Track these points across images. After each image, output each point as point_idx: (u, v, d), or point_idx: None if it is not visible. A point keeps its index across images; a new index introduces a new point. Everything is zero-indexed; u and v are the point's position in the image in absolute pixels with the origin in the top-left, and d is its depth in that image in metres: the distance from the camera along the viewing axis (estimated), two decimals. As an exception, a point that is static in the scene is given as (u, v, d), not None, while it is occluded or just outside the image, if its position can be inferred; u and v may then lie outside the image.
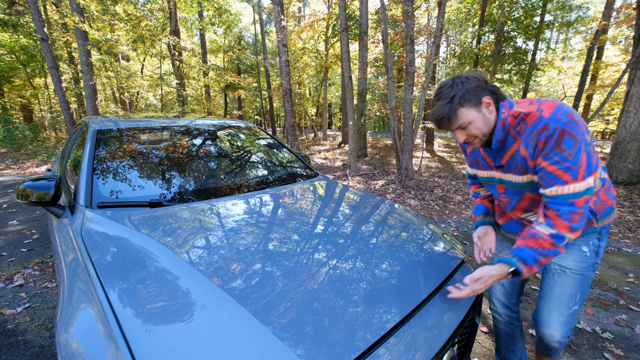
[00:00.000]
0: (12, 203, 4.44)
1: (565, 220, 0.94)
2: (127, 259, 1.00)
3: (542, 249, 0.96)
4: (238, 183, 1.81)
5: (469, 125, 1.03)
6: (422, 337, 0.90)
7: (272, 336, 0.75)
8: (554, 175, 0.95)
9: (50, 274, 2.51)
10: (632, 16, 10.10)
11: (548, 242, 0.96)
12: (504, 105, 1.04)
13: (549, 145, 0.94)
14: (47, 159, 8.62)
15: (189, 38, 17.86)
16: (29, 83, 13.90)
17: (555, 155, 0.93)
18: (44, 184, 1.39)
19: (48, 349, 1.72)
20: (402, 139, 6.29)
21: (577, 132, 0.90)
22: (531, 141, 0.98)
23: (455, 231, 3.74)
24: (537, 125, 0.96)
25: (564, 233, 0.95)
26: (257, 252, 1.09)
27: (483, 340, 1.85)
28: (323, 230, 1.32)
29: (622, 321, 2.04)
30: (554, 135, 0.92)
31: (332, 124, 36.15)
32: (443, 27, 9.93)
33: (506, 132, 1.05)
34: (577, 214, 0.93)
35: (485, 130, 1.04)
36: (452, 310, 1.05)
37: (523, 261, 0.98)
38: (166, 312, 0.79)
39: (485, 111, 1.03)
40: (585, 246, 1.12)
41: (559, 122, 0.92)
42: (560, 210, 0.94)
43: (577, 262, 1.13)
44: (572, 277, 1.14)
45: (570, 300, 1.14)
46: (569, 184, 0.93)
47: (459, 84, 1.01)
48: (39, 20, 7.38)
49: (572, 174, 0.92)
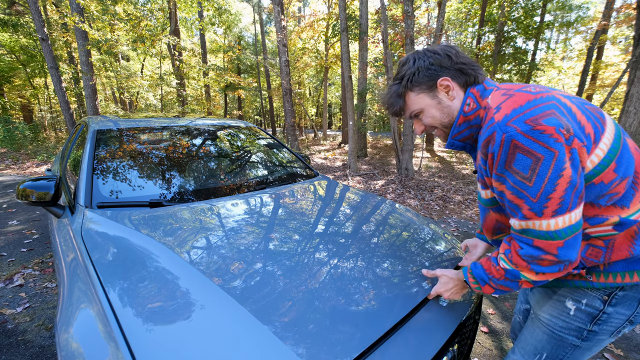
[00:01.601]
0: (12, 203, 4.44)
1: (526, 262, 0.72)
2: (127, 259, 1.00)
3: (493, 277, 0.79)
4: (238, 183, 1.81)
5: (421, 114, 0.85)
6: (422, 337, 0.89)
7: (272, 336, 0.75)
8: (512, 203, 0.71)
9: (50, 274, 2.51)
10: (632, 16, 10.10)
11: (500, 273, 0.77)
12: (472, 92, 0.80)
13: (497, 163, 0.70)
14: (47, 159, 8.62)
15: (189, 38, 17.86)
16: (29, 83, 13.90)
17: (508, 177, 0.69)
18: (44, 184, 1.39)
19: (48, 349, 1.72)
20: (402, 139, 6.29)
21: (540, 149, 0.63)
22: (481, 153, 0.75)
23: (455, 231, 3.74)
24: (485, 130, 0.72)
25: (524, 273, 0.73)
26: (256, 252, 1.09)
27: (483, 340, 1.85)
28: (323, 230, 1.32)
29: (622, 321, 2.04)
30: (500, 150, 0.68)
31: (332, 124, 36.15)
32: (443, 27, 9.92)
33: (474, 128, 0.81)
34: (544, 260, 0.69)
35: (444, 120, 0.84)
36: (452, 310, 1.04)
37: (473, 276, 0.84)
38: (166, 312, 0.79)
39: (442, 97, 0.82)
40: (572, 302, 0.81)
41: (508, 131, 0.66)
42: (524, 249, 0.71)
43: (551, 315, 0.85)
44: (540, 329, 0.87)
45: (533, 355, 0.89)
46: (531, 219, 0.68)
47: (411, 62, 0.82)
48: (39, 20, 7.37)
49: (532, 207, 0.67)
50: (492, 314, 2.10)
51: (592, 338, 0.80)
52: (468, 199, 5.13)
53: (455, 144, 0.86)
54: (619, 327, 0.78)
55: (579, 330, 0.80)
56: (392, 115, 0.91)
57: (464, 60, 0.80)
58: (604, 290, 0.76)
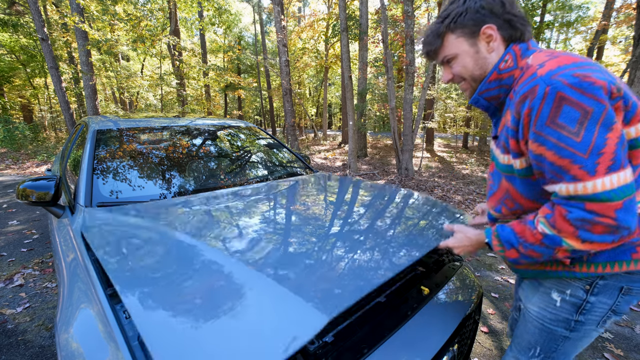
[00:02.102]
0: (12, 203, 4.44)
1: (575, 226, 0.64)
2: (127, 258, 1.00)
3: (526, 241, 0.72)
4: (238, 183, 1.81)
5: (453, 61, 0.80)
6: (422, 337, 0.90)
7: (290, 293, 0.75)
8: (556, 165, 0.64)
9: (50, 274, 2.51)
10: (632, 16, 10.10)
11: (536, 237, 0.70)
12: (513, 49, 0.74)
13: (537, 119, 0.64)
14: (47, 159, 8.62)
15: (189, 38, 17.86)
16: (29, 83, 13.90)
17: (549, 135, 0.63)
18: (44, 184, 1.39)
19: (48, 349, 1.72)
20: (402, 139, 6.30)
21: (589, 101, 0.59)
22: (514, 110, 0.70)
23: (455, 231, 3.74)
24: (524, 86, 0.67)
25: (568, 240, 0.65)
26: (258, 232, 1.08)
27: (483, 340, 1.85)
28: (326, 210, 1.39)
29: (622, 321, 2.04)
30: (542, 104, 0.62)
31: (332, 124, 36.15)
32: (443, 27, 9.90)
33: (504, 89, 0.77)
34: (598, 225, 0.61)
35: (475, 72, 0.79)
36: (452, 310, 1.05)
37: (499, 238, 0.77)
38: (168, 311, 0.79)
39: (482, 46, 0.76)
40: (557, 293, 0.81)
41: (553, 83, 0.61)
42: (573, 213, 0.63)
43: (539, 307, 0.86)
44: (532, 322, 0.88)
45: (528, 350, 0.90)
46: (583, 180, 0.61)
47: (462, 0, 0.76)
48: (39, 20, 7.37)
49: (583, 164, 0.60)
50: (492, 314, 2.10)
51: (579, 328, 0.81)
52: (468, 199, 5.13)
53: (480, 101, 0.81)
54: (604, 317, 0.79)
55: (567, 321, 0.81)
56: (425, 56, 0.86)
57: (516, 12, 0.74)
58: (586, 280, 0.77)
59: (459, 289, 1.15)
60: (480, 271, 2.71)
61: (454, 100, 11.96)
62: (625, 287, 0.75)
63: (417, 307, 0.97)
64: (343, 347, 0.79)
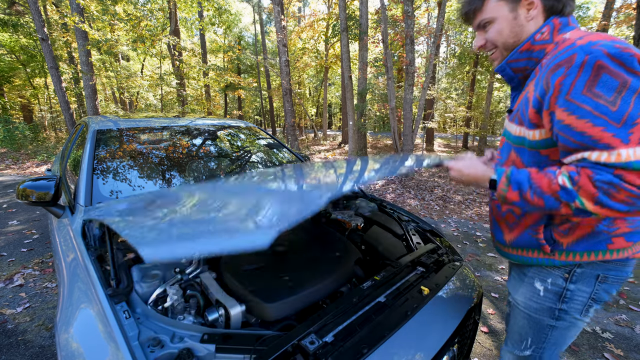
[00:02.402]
0: (12, 203, 4.44)
1: (598, 188, 0.62)
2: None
3: (539, 187, 0.70)
4: (238, 183, 1.81)
5: (489, 25, 0.79)
6: (422, 337, 0.90)
7: None
8: (587, 135, 0.62)
9: (50, 274, 2.51)
10: (632, 16, 10.10)
11: (552, 188, 0.68)
12: (553, 22, 0.73)
13: (573, 88, 0.63)
14: (47, 159, 8.62)
15: (189, 38, 17.86)
16: (29, 83, 13.89)
17: (584, 103, 0.62)
18: (44, 184, 1.39)
19: (48, 349, 1.72)
20: (402, 139, 6.29)
21: (628, 73, 0.59)
22: (542, 79, 0.69)
23: (455, 231, 3.74)
24: (560, 55, 0.66)
25: (583, 199, 0.64)
26: None
27: (483, 340, 1.85)
28: None
29: (622, 321, 2.04)
30: (580, 73, 0.62)
31: (332, 124, 36.13)
32: (443, 27, 9.92)
33: (532, 62, 0.76)
34: (622, 191, 0.60)
35: (509, 40, 0.78)
36: (452, 310, 1.05)
37: (509, 178, 0.74)
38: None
39: (521, 13, 0.75)
40: (540, 283, 0.85)
41: (593, 52, 0.61)
42: (601, 176, 0.61)
43: (525, 298, 0.90)
44: (520, 314, 0.92)
45: (520, 342, 0.94)
46: (616, 147, 0.60)
47: None
48: (39, 20, 7.37)
49: (617, 133, 0.60)
50: (492, 314, 2.10)
51: (564, 317, 0.85)
52: (468, 198, 5.13)
53: (507, 70, 0.81)
54: (585, 305, 0.82)
55: (551, 310, 0.85)
56: (462, 17, 0.84)
57: None
58: (564, 268, 0.81)
59: (459, 289, 1.15)
60: (480, 271, 2.71)
61: (454, 100, 11.97)
62: (602, 275, 0.79)
63: (417, 307, 0.97)
64: (343, 347, 0.79)
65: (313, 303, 1.02)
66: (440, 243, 1.46)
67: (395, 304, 0.98)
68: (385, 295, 1.01)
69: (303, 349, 0.75)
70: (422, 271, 1.18)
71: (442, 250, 1.38)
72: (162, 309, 0.90)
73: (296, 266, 1.09)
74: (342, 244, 1.27)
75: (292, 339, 0.77)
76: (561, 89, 0.65)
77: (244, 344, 0.77)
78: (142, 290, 0.92)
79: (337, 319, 0.88)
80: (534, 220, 0.83)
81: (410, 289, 1.07)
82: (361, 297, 0.98)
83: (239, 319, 0.91)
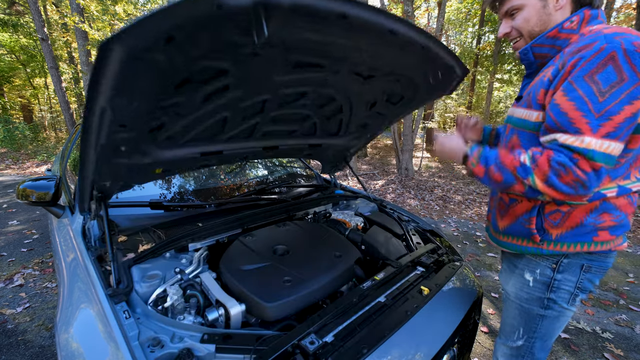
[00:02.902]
0: (12, 203, 4.44)
1: (551, 168, 0.68)
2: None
3: (501, 163, 0.76)
4: (238, 183, 1.81)
5: (517, 12, 0.80)
6: (422, 337, 0.90)
7: None
8: (566, 117, 0.67)
9: (50, 274, 2.51)
10: (632, 16, 10.10)
11: (513, 164, 0.74)
12: (584, 13, 0.75)
13: (578, 70, 0.67)
14: (47, 159, 8.62)
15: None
16: (29, 83, 13.89)
17: (579, 87, 0.66)
18: (44, 184, 1.39)
19: (48, 349, 1.72)
20: (402, 139, 6.30)
21: (629, 72, 0.63)
22: (560, 61, 0.73)
23: (455, 231, 3.74)
24: (583, 41, 0.70)
25: (536, 177, 0.71)
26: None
27: (483, 340, 1.85)
28: None
29: (622, 321, 2.04)
30: (592, 57, 0.65)
31: (332, 124, 36.04)
32: (443, 27, 9.93)
33: (554, 50, 0.79)
34: (570, 174, 0.66)
35: (535, 29, 0.80)
36: (452, 310, 1.05)
37: (479, 154, 0.81)
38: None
39: (550, 3, 0.77)
40: (529, 274, 0.90)
41: (612, 42, 0.64)
42: (558, 157, 0.68)
43: (516, 289, 0.94)
44: (511, 306, 0.96)
45: (512, 332, 0.97)
46: (584, 134, 0.65)
47: None
48: (39, 20, 7.38)
49: (591, 122, 0.65)
50: (492, 314, 2.10)
51: (553, 306, 0.89)
52: (468, 199, 5.13)
53: (529, 54, 0.83)
54: (572, 294, 0.87)
55: (540, 299, 0.89)
56: (489, 4, 0.86)
57: None
58: (552, 259, 0.86)
59: (459, 289, 1.15)
60: (480, 271, 2.71)
61: (454, 100, 11.97)
62: (586, 265, 0.84)
63: (417, 307, 0.97)
64: (343, 347, 0.79)
65: (313, 303, 1.01)
66: (440, 243, 1.46)
67: (395, 304, 0.98)
68: (385, 295, 1.01)
69: (303, 349, 0.75)
70: (422, 271, 1.18)
71: (442, 250, 1.38)
72: (162, 309, 0.90)
73: (296, 266, 1.09)
74: (342, 244, 1.27)
75: (292, 339, 0.77)
76: (570, 70, 0.69)
77: (244, 344, 0.77)
78: (142, 290, 0.92)
79: (337, 319, 0.88)
80: (526, 209, 0.86)
81: (410, 289, 1.07)
82: (361, 297, 0.98)
83: (239, 319, 0.91)
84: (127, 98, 0.63)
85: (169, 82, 0.69)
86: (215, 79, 0.77)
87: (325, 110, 1.21)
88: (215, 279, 1.03)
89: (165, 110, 0.80)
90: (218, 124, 1.03)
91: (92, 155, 0.76)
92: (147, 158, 0.97)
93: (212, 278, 1.02)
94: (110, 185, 1.00)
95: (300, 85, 0.96)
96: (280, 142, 1.34)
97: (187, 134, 1.00)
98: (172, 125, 0.90)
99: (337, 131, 1.44)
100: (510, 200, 0.89)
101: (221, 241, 1.26)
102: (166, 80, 0.67)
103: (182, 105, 0.82)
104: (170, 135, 0.95)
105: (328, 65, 0.88)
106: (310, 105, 1.13)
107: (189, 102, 0.82)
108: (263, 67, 0.79)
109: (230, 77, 0.78)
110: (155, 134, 0.91)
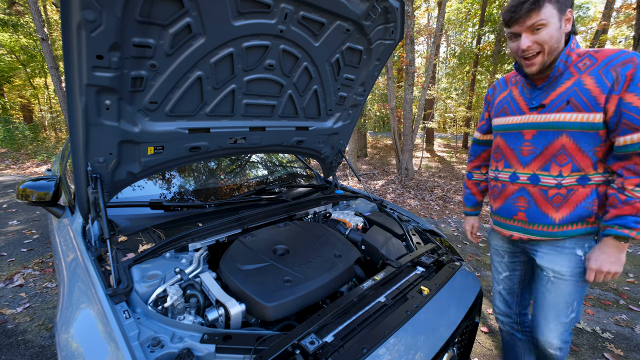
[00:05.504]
0: (12, 203, 4.44)
1: None
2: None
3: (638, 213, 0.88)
4: (238, 183, 1.81)
5: (543, 28, 0.89)
6: (422, 337, 0.90)
7: None
8: None
9: (50, 274, 2.51)
10: (632, 16, 10.10)
11: (637, 206, 0.87)
12: (575, 38, 0.95)
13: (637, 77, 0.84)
14: (47, 159, 8.62)
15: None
16: (29, 83, 13.88)
17: None
18: (44, 184, 1.39)
19: (48, 349, 1.72)
20: (402, 139, 6.29)
21: None
22: (609, 72, 0.88)
23: (455, 231, 3.74)
24: (616, 57, 0.88)
25: None
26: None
27: (483, 340, 1.85)
28: None
29: (622, 321, 2.04)
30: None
31: (332, 124, 36.03)
32: (443, 27, 9.93)
33: (565, 66, 0.95)
34: None
35: (554, 45, 0.91)
36: (452, 310, 1.05)
37: (627, 227, 0.90)
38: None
39: (562, 25, 0.91)
40: (580, 249, 1.01)
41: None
42: None
43: (571, 267, 1.02)
44: (566, 284, 1.03)
45: (567, 308, 1.05)
46: None
47: None
48: (39, 20, 7.37)
49: None
50: (492, 313, 2.10)
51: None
52: (468, 199, 5.13)
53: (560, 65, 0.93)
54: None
55: (585, 269, 1.00)
56: (510, 18, 0.92)
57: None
58: (596, 233, 1.00)
59: (459, 289, 1.15)
60: (480, 271, 2.71)
61: (454, 100, 11.97)
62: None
63: (417, 307, 0.97)
64: (343, 347, 0.79)
65: (313, 303, 1.01)
66: (440, 243, 1.46)
67: (395, 304, 0.98)
68: (385, 295, 1.01)
69: (303, 348, 0.75)
70: (422, 271, 1.18)
71: (442, 250, 1.38)
72: (162, 309, 0.90)
73: (296, 266, 1.09)
74: (342, 244, 1.27)
75: (292, 339, 0.77)
76: (633, 79, 0.84)
77: (244, 344, 0.77)
78: (142, 290, 0.92)
79: (337, 318, 0.88)
80: (586, 195, 0.97)
81: (410, 289, 1.07)
82: (361, 297, 0.98)
83: (239, 319, 0.91)
84: (95, 12, 0.70)
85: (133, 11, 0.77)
86: (176, 18, 0.85)
87: (295, 78, 1.26)
88: (215, 279, 1.03)
89: (140, 59, 0.87)
90: (196, 90, 1.07)
91: (79, 105, 0.81)
92: (136, 127, 1.02)
93: (212, 278, 1.02)
94: (104, 161, 1.03)
95: (257, 33, 1.02)
96: (265, 123, 1.38)
97: (169, 100, 1.04)
98: (152, 82, 0.95)
99: (318, 112, 1.50)
100: (567, 192, 0.98)
101: (221, 241, 1.26)
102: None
103: (154, 50, 0.88)
104: (152, 100, 1.00)
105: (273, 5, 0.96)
106: (277, 69, 1.18)
107: (160, 48, 0.89)
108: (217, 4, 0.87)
109: (188, 15, 0.86)
110: (139, 96, 0.97)
